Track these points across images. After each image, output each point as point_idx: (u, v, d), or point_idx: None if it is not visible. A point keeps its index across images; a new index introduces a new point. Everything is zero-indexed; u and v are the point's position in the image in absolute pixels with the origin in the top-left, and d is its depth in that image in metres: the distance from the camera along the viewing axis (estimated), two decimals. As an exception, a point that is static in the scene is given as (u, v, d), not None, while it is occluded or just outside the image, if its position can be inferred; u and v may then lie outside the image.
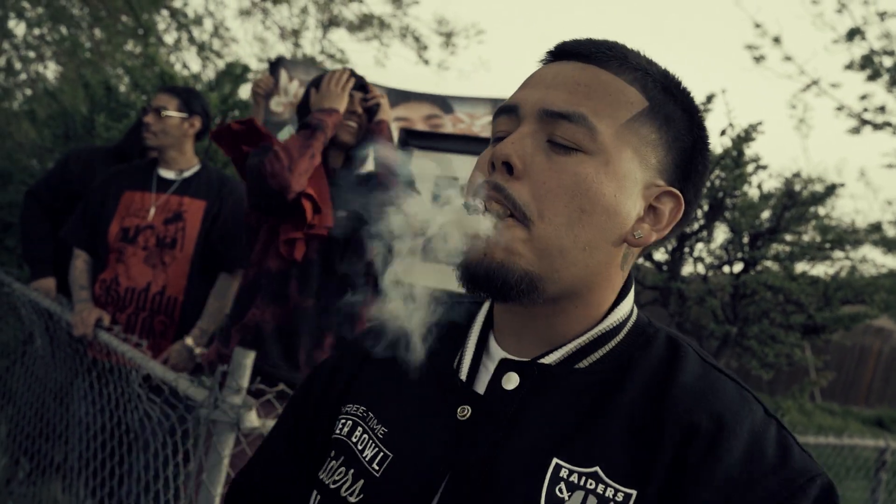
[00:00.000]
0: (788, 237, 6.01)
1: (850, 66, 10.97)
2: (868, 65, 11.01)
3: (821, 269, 6.79)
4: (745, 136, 5.73)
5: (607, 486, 0.77)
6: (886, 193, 23.97)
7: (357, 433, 0.92)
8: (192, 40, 10.11)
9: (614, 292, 0.89)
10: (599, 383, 0.84)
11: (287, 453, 1.03)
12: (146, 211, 3.01)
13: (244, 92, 5.34)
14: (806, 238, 6.13)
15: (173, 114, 3.07)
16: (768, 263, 6.06)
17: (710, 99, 6.15)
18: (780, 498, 0.74)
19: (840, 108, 13.58)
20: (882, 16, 10.43)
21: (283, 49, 10.80)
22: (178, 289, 2.95)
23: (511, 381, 0.87)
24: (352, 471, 0.89)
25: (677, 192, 0.87)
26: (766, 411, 0.82)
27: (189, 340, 2.87)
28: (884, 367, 15.69)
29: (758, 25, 10.90)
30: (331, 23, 10.24)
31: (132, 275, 2.94)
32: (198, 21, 10.51)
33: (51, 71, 8.57)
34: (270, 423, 2.10)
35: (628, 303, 0.91)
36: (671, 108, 0.86)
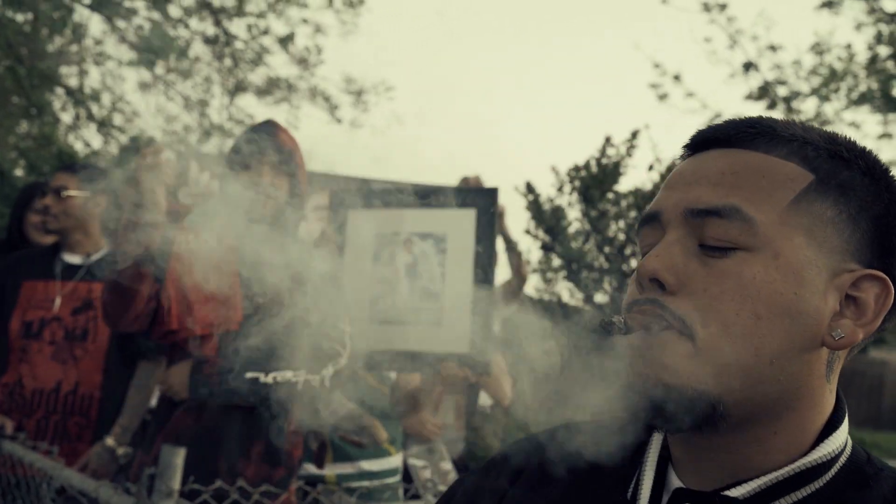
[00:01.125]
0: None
1: (749, 97, 11.43)
2: (764, 95, 11.50)
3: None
4: (671, 169, 5.82)
5: None
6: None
7: None
8: (91, 117, 9.74)
9: (822, 412, 0.73)
10: None
11: None
12: (51, 301, 2.74)
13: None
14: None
15: (76, 193, 2.81)
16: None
17: (634, 135, 6.35)
18: None
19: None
20: (773, 48, 10.93)
21: (189, 119, 10.53)
22: (93, 385, 2.67)
23: None
24: None
25: (880, 273, 0.71)
26: None
27: (110, 441, 2.58)
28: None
29: (657, 65, 11.28)
30: (237, 88, 10.06)
31: (38, 374, 2.66)
32: (95, 97, 10.17)
33: (-63, 158, 8.07)
34: (209, 526, 1.89)
35: (842, 434, 0.73)
36: (846, 174, 0.72)
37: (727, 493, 0.71)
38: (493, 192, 2.62)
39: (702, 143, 0.78)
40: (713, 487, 0.73)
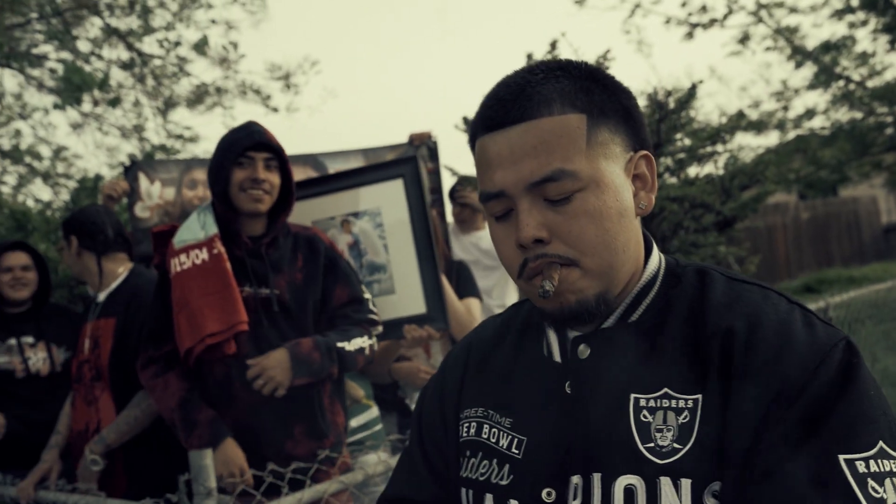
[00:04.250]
0: (671, 147, 6.20)
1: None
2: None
3: (709, 169, 7.05)
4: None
5: (678, 399, 0.92)
6: (738, 81, 25.24)
7: (485, 429, 1.07)
8: (33, 171, 9.66)
9: (640, 251, 1.02)
10: (650, 327, 0.98)
11: (423, 462, 1.16)
12: (83, 343, 2.80)
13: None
14: (684, 143, 6.33)
15: (62, 247, 2.93)
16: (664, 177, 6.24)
17: (554, 45, 6.33)
18: (812, 365, 0.86)
19: (668, 21, 14.19)
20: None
21: (130, 147, 10.46)
22: (111, 421, 2.68)
23: (584, 351, 1.01)
24: (495, 460, 1.04)
25: (641, 151, 0.99)
26: (789, 300, 0.95)
27: (88, 455, 2.58)
28: (793, 239, 16.47)
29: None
30: (167, 105, 9.97)
31: (77, 418, 2.74)
32: (32, 152, 10.06)
33: None
34: (255, 513, 2.00)
35: (656, 255, 1.04)
36: (596, 97, 0.96)
37: (603, 327, 1.01)
38: (413, 160, 2.74)
39: (496, 125, 0.97)
40: (594, 327, 1.03)
